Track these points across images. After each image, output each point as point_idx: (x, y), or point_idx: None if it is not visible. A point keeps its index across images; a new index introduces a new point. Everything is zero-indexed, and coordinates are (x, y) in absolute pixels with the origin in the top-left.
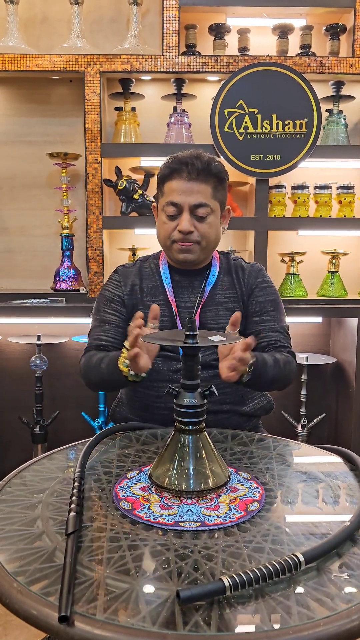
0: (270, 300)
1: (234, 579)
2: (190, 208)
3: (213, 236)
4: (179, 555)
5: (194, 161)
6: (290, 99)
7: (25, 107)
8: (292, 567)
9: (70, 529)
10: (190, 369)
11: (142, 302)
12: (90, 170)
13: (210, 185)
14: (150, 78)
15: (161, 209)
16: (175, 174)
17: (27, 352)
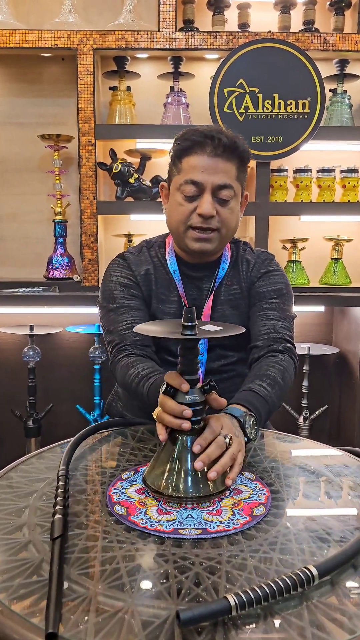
0: (274, 289)
1: (240, 597)
2: (213, 189)
3: (233, 224)
4: (178, 567)
5: (220, 135)
6: (292, 78)
7: (16, 87)
8: (304, 581)
9: (56, 533)
10: (189, 363)
11: (156, 295)
12: (84, 152)
13: (235, 165)
14: (146, 56)
15: (176, 189)
16: (197, 148)
17: (20, 343)
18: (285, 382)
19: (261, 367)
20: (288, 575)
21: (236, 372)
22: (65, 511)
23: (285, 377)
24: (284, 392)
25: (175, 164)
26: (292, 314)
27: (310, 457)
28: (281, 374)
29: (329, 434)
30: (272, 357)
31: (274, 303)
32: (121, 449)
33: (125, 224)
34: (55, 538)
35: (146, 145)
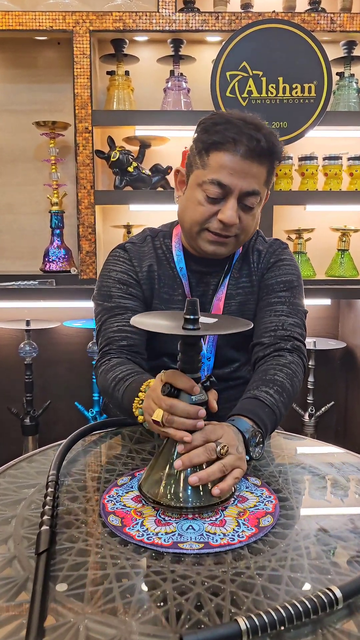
0: (284, 280)
1: (253, 621)
2: (240, 195)
3: (252, 228)
4: (177, 587)
5: (258, 135)
6: (298, 61)
7: (10, 73)
8: (326, 605)
9: (42, 547)
10: (190, 360)
11: (159, 294)
12: (81, 140)
13: (266, 169)
14: (145, 39)
15: (198, 184)
16: (230, 145)
17: (16, 339)
18: (294, 388)
19: (267, 370)
20: (308, 598)
21: (244, 380)
22: (53, 522)
23: (294, 382)
24: (291, 400)
25: (201, 156)
26: (303, 309)
27: (319, 460)
28: (290, 379)
29: (336, 431)
30: (279, 357)
31: (283, 297)
32: (118, 452)
33: (124, 215)
34: (40, 553)
35: (145, 132)
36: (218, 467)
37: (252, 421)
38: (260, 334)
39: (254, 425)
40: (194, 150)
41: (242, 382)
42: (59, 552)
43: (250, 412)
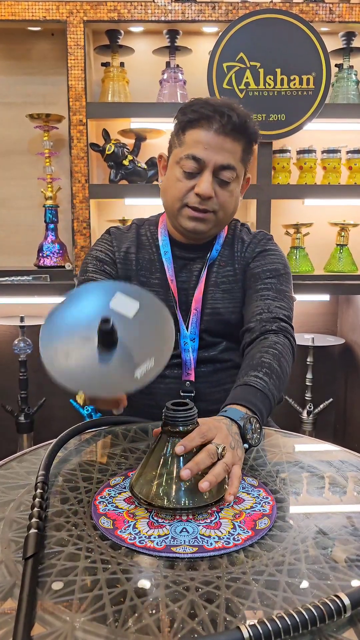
0: (269, 269)
1: (256, 629)
2: (214, 168)
3: (232, 207)
4: (170, 594)
5: (230, 112)
6: (296, 52)
7: (3, 64)
8: (333, 613)
9: (30, 551)
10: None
11: (136, 277)
12: (75, 133)
13: (241, 146)
14: (140, 29)
15: (175, 162)
16: (204, 122)
17: (10, 335)
18: (283, 368)
19: (254, 354)
20: (314, 605)
21: (232, 363)
22: (42, 525)
23: (282, 363)
24: (283, 382)
25: (178, 136)
26: (290, 294)
27: (317, 458)
28: (277, 360)
29: (335, 429)
30: (265, 340)
31: (269, 283)
32: (111, 451)
33: (120, 209)
34: (27, 558)
35: (141, 125)
36: (222, 468)
37: (246, 408)
38: (248, 320)
39: (248, 412)
40: (172, 133)
41: (231, 365)
42: (48, 557)
43: (243, 400)
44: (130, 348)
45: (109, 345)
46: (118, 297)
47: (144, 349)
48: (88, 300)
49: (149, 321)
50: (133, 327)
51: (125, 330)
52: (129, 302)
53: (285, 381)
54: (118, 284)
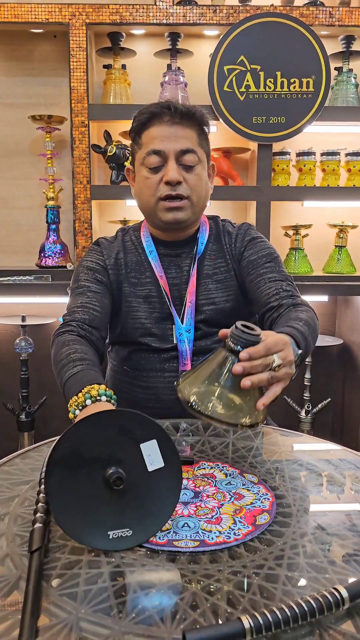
0: (264, 254)
1: (257, 620)
2: (176, 155)
3: (203, 190)
4: (173, 587)
5: (175, 104)
6: (296, 55)
7: (5, 65)
8: (332, 605)
9: (35, 545)
10: None
11: (127, 279)
12: (77, 134)
13: (195, 131)
14: (142, 32)
15: (140, 164)
16: (155, 119)
17: (11, 334)
18: (316, 325)
19: (289, 315)
20: (313, 597)
21: None
22: (47, 519)
23: (315, 321)
24: (315, 337)
25: (136, 141)
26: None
27: (317, 457)
28: (311, 318)
29: (332, 428)
30: (292, 311)
31: (269, 267)
32: None
33: (121, 210)
34: (33, 551)
35: None
36: (267, 377)
37: (295, 342)
38: (266, 302)
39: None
40: (131, 143)
41: None
42: (52, 550)
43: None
44: (124, 503)
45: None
46: (152, 444)
47: (134, 512)
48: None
49: (158, 488)
50: (141, 480)
51: (133, 477)
52: (157, 456)
53: (316, 339)
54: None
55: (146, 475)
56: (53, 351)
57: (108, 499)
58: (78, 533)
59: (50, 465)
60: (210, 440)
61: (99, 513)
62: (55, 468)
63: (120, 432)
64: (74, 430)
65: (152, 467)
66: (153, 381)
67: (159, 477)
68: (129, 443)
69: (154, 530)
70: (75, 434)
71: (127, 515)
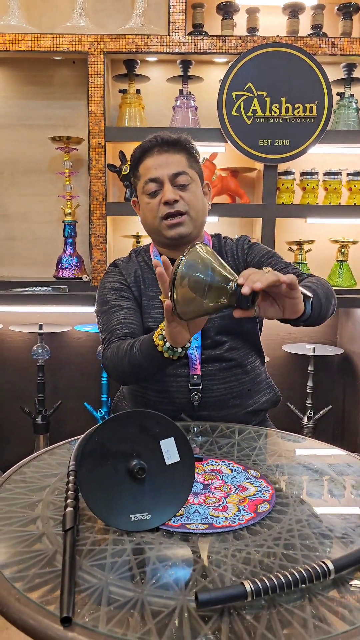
0: (264, 253)
1: (257, 584)
2: (170, 178)
3: (200, 205)
4: (186, 560)
5: (162, 137)
6: (300, 82)
7: (27, 90)
8: (320, 575)
9: (68, 524)
10: None
11: (146, 293)
12: (94, 154)
13: (184, 156)
14: (155, 59)
15: (141, 193)
16: (146, 153)
17: (29, 341)
18: (327, 287)
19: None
20: (305, 568)
21: (236, 362)
22: (77, 504)
23: (325, 285)
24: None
25: (135, 175)
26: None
27: (313, 456)
28: (318, 282)
29: (333, 434)
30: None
31: (272, 261)
32: None
33: (134, 225)
34: (67, 530)
35: None
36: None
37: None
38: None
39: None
40: (132, 178)
41: (235, 365)
42: (82, 531)
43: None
44: (144, 491)
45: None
46: (170, 441)
47: (153, 499)
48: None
49: (174, 480)
50: (160, 472)
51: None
52: (174, 452)
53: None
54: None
55: (164, 468)
56: (111, 363)
57: (130, 487)
58: (105, 515)
59: (81, 457)
60: (217, 440)
61: (122, 499)
62: (85, 460)
63: (141, 430)
64: (101, 428)
65: (169, 461)
66: (167, 385)
67: (175, 470)
68: (150, 439)
69: (169, 515)
70: (102, 430)
71: (147, 502)
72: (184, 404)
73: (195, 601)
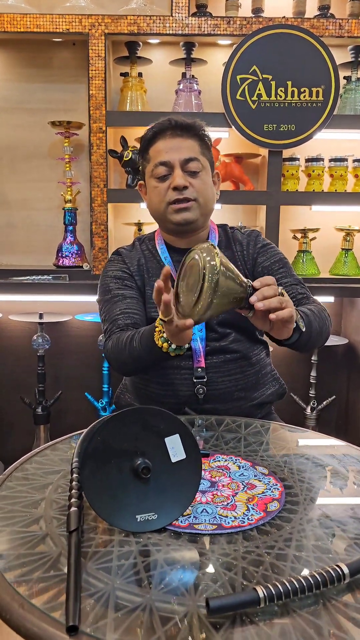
0: (276, 260)
1: (269, 590)
2: (181, 163)
3: (209, 194)
4: (194, 563)
5: (176, 120)
6: (306, 65)
7: (26, 72)
8: (334, 579)
9: (73, 526)
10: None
11: (149, 283)
12: (95, 140)
13: (196, 142)
14: (158, 41)
15: (149, 176)
16: (158, 135)
17: (29, 331)
18: (323, 317)
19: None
20: (319, 572)
21: (241, 354)
22: (81, 503)
23: (322, 314)
24: (322, 323)
25: (145, 157)
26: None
27: (322, 451)
28: (317, 310)
29: (337, 425)
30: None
31: (283, 272)
32: None
33: (136, 213)
34: (72, 531)
35: None
36: (279, 300)
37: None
38: None
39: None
40: (140, 159)
41: (239, 357)
42: (87, 531)
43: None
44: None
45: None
46: (175, 438)
47: (159, 498)
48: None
49: (180, 478)
50: (165, 470)
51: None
52: (180, 449)
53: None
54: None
55: (169, 466)
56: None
57: (135, 486)
58: (110, 516)
59: (84, 457)
60: (223, 435)
61: (127, 499)
62: (89, 459)
63: (145, 427)
64: (104, 426)
65: (175, 459)
66: (170, 378)
67: (181, 468)
68: (154, 437)
69: (176, 515)
70: (105, 429)
71: (153, 501)
72: (188, 397)
73: (205, 607)
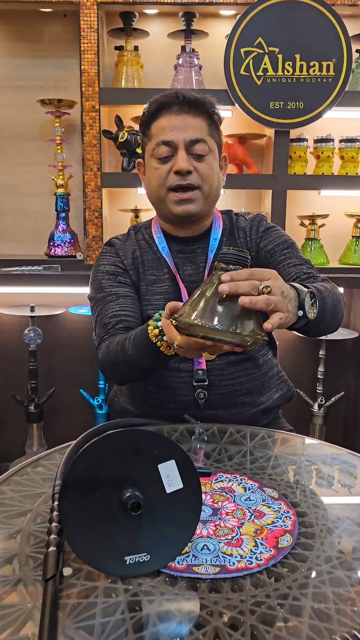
0: (280, 242)
1: None
2: (186, 145)
3: (215, 180)
4: (193, 619)
5: (184, 94)
6: (316, 37)
7: (14, 46)
8: None
9: (49, 572)
10: None
11: (145, 277)
12: (87, 119)
13: (205, 121)
14: (155, 12)
15: (150, 155)
16: (163, 109)
17: (20, 325)
18: (336, 295)
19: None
20: (343, 637)
21: (246, 355)
22: (61, 541)
23: (335, 290)
24: (334, 299)
25: (146, 133)
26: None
27: (340, 468)
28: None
29: (345, 423)
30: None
31: (288, 253)
32: None
33: (132, 198)
34: (48, 579)
35: None
36: (264, 299)
37: (305, 287)
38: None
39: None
40: (141, 135)
41: (244, 358)
42: (68, 576)
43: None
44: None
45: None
46: (170, 464)
47: (152, 536)
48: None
49: (177, 511)
50: (159, 502)
51: (151, 499)
52: (176, 477)
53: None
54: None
55: (164, 497)
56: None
57: (124, 522)
58: (94, 559)
59: (63, 488)
60: (227, 448)
61: (115, 537)
62: (69, 491)
63: (136, 451)
64: (88, 451)
65: (170, 489)
66: (168, 380)
67: (178, 499)
68: (146, 463)
69: (173, 555)
70: (89, 455)
71: (145, 540)
72: (188, 402)
73: None
